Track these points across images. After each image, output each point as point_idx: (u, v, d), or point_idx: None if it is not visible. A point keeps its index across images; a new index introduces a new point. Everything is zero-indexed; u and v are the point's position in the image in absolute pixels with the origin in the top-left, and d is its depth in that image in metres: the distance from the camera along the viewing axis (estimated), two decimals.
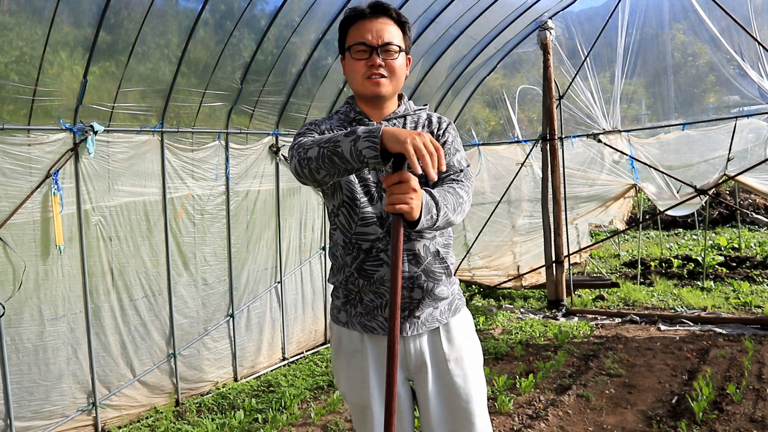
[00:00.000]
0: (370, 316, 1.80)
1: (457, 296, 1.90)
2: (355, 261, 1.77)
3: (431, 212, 1.52)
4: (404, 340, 1.79)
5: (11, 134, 3.41)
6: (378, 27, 1.74)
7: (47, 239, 3.61)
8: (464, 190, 1.71)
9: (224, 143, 4.66)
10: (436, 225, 1.57)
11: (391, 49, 1.73)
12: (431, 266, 1.77)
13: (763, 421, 3.55)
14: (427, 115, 1.88)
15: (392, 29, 1.76)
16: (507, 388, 4.33)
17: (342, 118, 1.85)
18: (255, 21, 4.49)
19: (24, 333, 3.54)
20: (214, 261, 4.65)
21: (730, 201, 11.84)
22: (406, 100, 1.88)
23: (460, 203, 1.66)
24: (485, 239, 7.40)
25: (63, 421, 3.73)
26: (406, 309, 1.77)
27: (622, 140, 6.71)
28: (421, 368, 1.82)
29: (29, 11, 3.32)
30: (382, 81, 1.74)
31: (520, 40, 6.77)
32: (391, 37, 1.74)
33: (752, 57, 5.80)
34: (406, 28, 1.80)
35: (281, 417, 3.95)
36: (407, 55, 1.83)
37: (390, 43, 1.73)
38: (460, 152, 1.81)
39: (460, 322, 1.87)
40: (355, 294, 1.80)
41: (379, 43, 1.72)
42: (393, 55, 1.74)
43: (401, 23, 1.79)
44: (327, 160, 1.51)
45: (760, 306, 6.33)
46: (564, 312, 6.57)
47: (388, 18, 1.76)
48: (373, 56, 1.71)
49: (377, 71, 1.72)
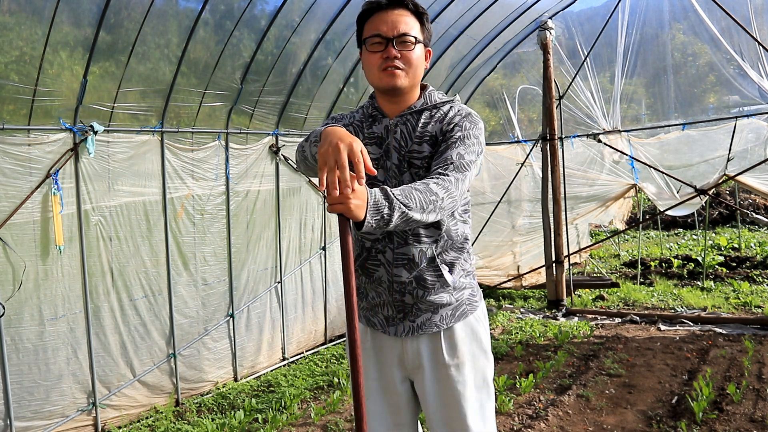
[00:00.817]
0: (373, 312, 1.84)
1: (465, 302, 1.82)
2: (359, 258, 1.80)
3: (381, 212, 1.43)
4: (402, 341, 1.80)
5: (11, 134, 3.41)
6: (393, 18, 1.70)
7: (47, 239, 3.61)
8: (443, 187, 1.57)
9: (224, 143, 4.66)
10: (390, 225, 1.48)
11: (408, 40, 1.69)
12: (423, 273, 1.74)
13: (763, 421, 3.55)
14: (449, 107, 1.78)
15: (409, 20, 1.72)
16: (507, 388, 4.33)
17: (363, 113, 1.85)
18: (255, 21, 4.49)
19: (24, 333, 3.54)
20: (213, 261, 4.65)
21: (730, 201, 11.85)
22: (428, 92, 1.81)
23: (433, 200, 1.54)
24: (485, 239, 7.41)
25: (63, 421, 3.73)
26: (401, 311, 1.78)
27: (622, 140, 6.71)
28: (417, 370, 1.81)
29: (29, 11, 3.32)
30: (397, 72, 1.69)
31: (520, 40, 6.78)
32: (408, 28, 1.70)
33: (752, 57, 5.80)
34: (424, 19, 1.75)
35: (281, 417, 3.95)
36: (426, 47, 1.78)
37: (406, 33, 1.69)
38: (466, 146, 1.68)
39: (467, 329, 1.81)
40: (362, 289, 1.83)
41: (394, 34, 1.68)
42: (409, 47, 1.70)
43: (419, 14, 1.74)
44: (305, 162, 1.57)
45: (760, 306, 6.33)
46: (564, 312, 6.57)
47: (405, 9, 1.72)
48: (389, 48, 1.68)
49: (392, 63, 1.68)
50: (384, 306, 1.79)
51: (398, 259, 1.75)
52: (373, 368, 1.85)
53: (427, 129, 1.74)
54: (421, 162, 1.73)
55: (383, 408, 1.86)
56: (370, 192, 1.44)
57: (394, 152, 1.75)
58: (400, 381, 1.85)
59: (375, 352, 1.85)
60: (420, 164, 1.73)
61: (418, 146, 1.73)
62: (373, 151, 1.77)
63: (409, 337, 1.79)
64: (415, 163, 1.73)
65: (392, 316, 1.80)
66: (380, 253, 1.76)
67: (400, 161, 1.74)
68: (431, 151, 1.72)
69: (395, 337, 1.81)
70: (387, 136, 1.77)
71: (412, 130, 1.75)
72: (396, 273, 1.75)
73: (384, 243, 1.75)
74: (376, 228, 1.46)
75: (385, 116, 1.79)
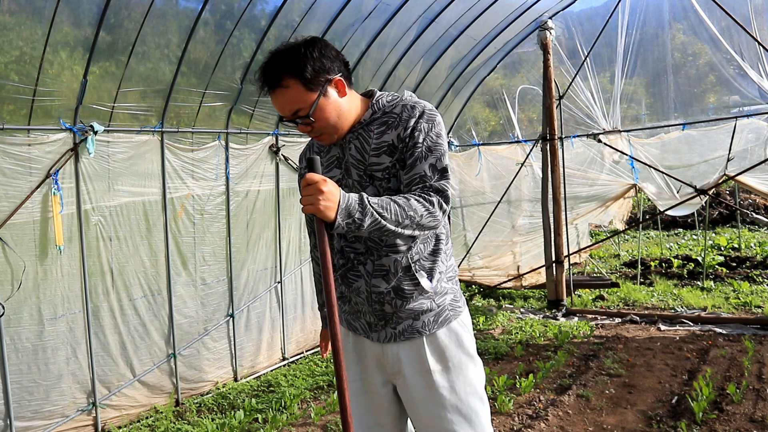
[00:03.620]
0: (355, 316, 1.86)
1: (448, 307, 1.80)
2: (342, 268, 1.82)
3: (353, 216, 1.48)
4: (381, 346, 1.81)
5: (11, 134, 3.41)
6: (278, 101, 1.65)
7: (47, 239, 3.61)
8: (423, 205, 1.58)
9: (224, 143, 4.66)
10: (363, 229, 1.51)
11: (302, 116, 1.64)
12: (401, 283, 1.73)
13: (763, 421, 3.55)
14: (400, 108, 1.71)
15: (292, 94, 1.62)
16: (507, 388, 4.33)
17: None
18: (255, 21, 4.49)
19: (23, 333, 3.54)
20: (213, 261, 4.65)
21: (730, 201, 11.84)
22: (376, 99, 1.76)
23: (411, 216, 1.55)
24: (485, 239, 7.41)
25: (63, 421, 3.73)
26: (382, 319, 1.78)
27: (622, 140, 6.70)
28: (398, 375, 1.81)
29: (29, 11, 3.32)
30: (322, 137, 1.72)
31: (520, 40, 6.77)
32: (295, 104, 1.63)
33: (752, 57, 5.80)
34: (306, 68, 1.60)
35: (281, 417, 3.95)
36: (330, 83, 1.66)
37: (297, 112, 1.65)
38: (434, 153, 1.65)
39: (451, 335, 1.80)
40: (346, 295, 1.85)
41: (290, 117, 1.66)
42: (308, 120, 1.64)
43: (296, 72, 1.60)
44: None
45: (760, 306, 6.33)
46: (564, 312, 6.57)
47: (281, 82, 1.61)
48: (300, 126, 1.66)
49: (312, 134, 1.71)
50: (365, 313, 1.81)
51: (377, 270, 1.75)
52: (355, 369, 1.86)
53: (383, 139, 1.70)
54: (382, 174, 1.71)
55: (366, 408, 1.87)
56: (345, 196, 1.49)
57: (353, 169, 1.76)
58: (382, 384, 1.85)
59: (356, 354, 1.88)
60: (382, 176, 1.71)
61: (376, 158, 1.71)
62: (335, 173, 1.79)
63: (389, 343, 1.79)
64: (376, 175, 1.72)
65: (373, 323, 1.81)
66: (361, 265, 1.77)
67: (361, 177, 1.74)
68: (391, 161, 1.70)
69: (376, 342, 1.82)
70: (343, 154, 1.77)
71: (366, 144, 1.73)
72: (374, 284, 1.75)
73: (366, 255, 1.76)
74: (347, 230, 1.51)
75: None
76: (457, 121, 7.36)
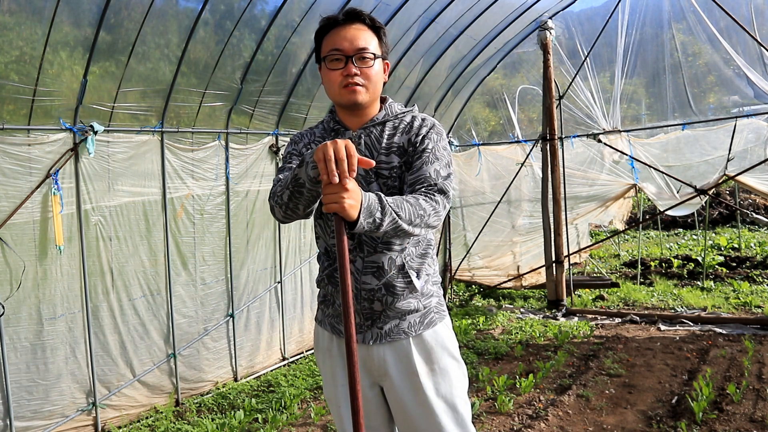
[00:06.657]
0: (340, 319, 1.84)
1: (434, 310, 1.83)
2: (328, 268, 1.82)
3: (373, 215, 1.48)
4: (367, 348, 1.80)
5: (11, 134, 3.41)
6: (352, 34, 1.70)
7: (47, 239, 3.61)
8: (430, 204, 1.63)
9: (224, 143, 4.66)
10: (381, 229, 1.52)
11: (367, 56, 1.70)
12: (393, 280, 1.75)
13: (763, 421, 3.55)
14: (411, 118, 1.82)
15: (367, 36, 1.72)
16: (507, 388, 4.33)
17: (324, 128, 1.87)
18: (255, 21, 4.49)
19: (22, 332, 3.54)
20: (213, 261, 4.65)
21: (730, 201, 11.84)
22: (388, 104, 1.83)
23: (421, 215, 1.59)
24: (485, 239, 7.41)
25: (63, 421, 3.73)
26: (369, 319, 1.79)
27: (622, 140, 6.71)
28: (384, 377, 1.81)
29: (29, 11, 3.32)
30: (358, 89, 1.71)
31: (520, 40, 6.77)
32: (366, 43, 1.71)
33: (752, 57, 5.80)
34: (381, 33, 1.77)
35: (281, 417, 3.95)
36: (385, 61, 1.80)
37: (365, 49, 1.70)
38: (441, 161, 1.73)
39: (437, 337, 1.81)
40: (330, 297, 1.85)
41: (353, 50, 1.69)
42: (368, 63, 1.71)
43: (376, 29, 1.75)
44: (298, 195, 1.58)
45: (760, 306, 6.33)
46: (564, 312, 6.57)
47: (362, 24, 1.73)
48: (349, 65, 1.69)
49: (353, 79, 1.70)
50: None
51: (367, 267, 1.76)
52: (341, 374, 1.85)
53: (393, 140, 1.76)
54: (389, 172, 1.74)
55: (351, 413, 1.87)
56: (365, 195, 1.47)
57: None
58: (369, 387, 1.85)
59: (342, 357, 1.86)
60: (389, 174, 1.74)
61: (386, 157, 1.75)
62: None
63: (375, 344, 1.79)
64: (383, 173, 1.74)
65: (359, 324, 1.80)
66: (350, 263, 1.77)
67: (367, 172, 1.75)
68: (400, 161, 1.74)
69: (362, 344, 1.81)
70: None
71: (376, 142, 1.77)
72: (364, 281, 1.75)
73: (355, 253, 1.76)
74: (367, 230, 1.50)
75: (347, 129, 1.80)
76: (457, 121, 7.35)
